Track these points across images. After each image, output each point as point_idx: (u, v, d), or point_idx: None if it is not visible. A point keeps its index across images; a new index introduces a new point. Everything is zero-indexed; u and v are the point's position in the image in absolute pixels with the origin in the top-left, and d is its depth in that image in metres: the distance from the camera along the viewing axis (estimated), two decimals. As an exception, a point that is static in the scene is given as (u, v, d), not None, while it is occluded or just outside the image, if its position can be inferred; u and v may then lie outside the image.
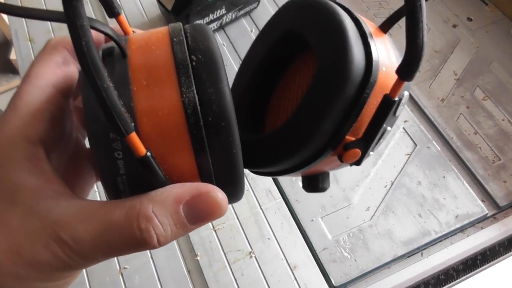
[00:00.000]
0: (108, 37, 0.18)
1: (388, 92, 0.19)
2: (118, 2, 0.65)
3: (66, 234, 0.17)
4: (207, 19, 0.58)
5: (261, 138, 0.22)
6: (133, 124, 0.16)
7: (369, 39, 0.20)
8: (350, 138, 0.20)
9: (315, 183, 0.23)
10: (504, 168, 0.49)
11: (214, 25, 0.60)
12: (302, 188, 0.25)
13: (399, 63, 0.18)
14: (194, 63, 0.18)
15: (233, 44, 0.60)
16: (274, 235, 0.45)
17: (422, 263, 0.44)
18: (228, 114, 0.18)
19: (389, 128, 0.21)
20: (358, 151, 0.20)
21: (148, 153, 0.17)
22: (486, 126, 0.52)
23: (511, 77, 0.55)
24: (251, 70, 0.25)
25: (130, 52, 0.19)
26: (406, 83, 0.18)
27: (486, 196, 0.48)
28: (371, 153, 0.22)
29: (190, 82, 0.18)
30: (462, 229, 0.46)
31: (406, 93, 0.20)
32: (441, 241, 0.46)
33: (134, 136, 0.16)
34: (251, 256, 0.44)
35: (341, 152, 0.20)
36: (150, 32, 0.20)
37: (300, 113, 0.20)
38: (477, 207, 0.46)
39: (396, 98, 0.19)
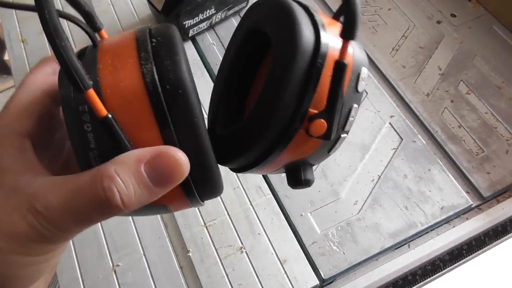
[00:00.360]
0: (78, 26, 0.20)
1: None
2: (109, 2, 0.66)
3: (40, 204, 0.18)
4: (196, 19, 0.59)
5: (233, 131, 0.23)
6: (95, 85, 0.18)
7: (317, 19, 0.21)
8: (313, 111, 0.21)
9: (298, 176, 0.24)
10: (488, 160, 0.50)
11: (204, 25, 0.61)
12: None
13: (341, 29, 0.20)
14: (154, 44, 0.20)
15: (223, 43, 0.61)
16: (264, 230, 0.46)
17: (409, 254, 0.46)
18: (185, 82, 0.19)
19: (355, 105, 0.22)
20: (323, 122, 0.21)
21: (109, 115, 0.18)
22: (470, 119, 0.53)
23: (493, 71, 0.56)
24: (227, 70, 0.27)
25: (100, 44, 0.21)
26: (360, 59, 0.20)
27: (471, 187, 0.49)
28: (344, 135, 0.23)
29: (148, 56, 0.19)
30: (447, 220, 0.47)
31: (364, 69, 0.21)
32: (427, 232, 0.47)
33: (92, 93, 0.18)
34: (242, 251, 0.45)
35: (307, 126, 0.21)
36: (119, 33, 0.22)
37: (262, 96, 0.21)
38: (462, 198, 0.47)
39: (346, 61, 0.20)
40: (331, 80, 0.20)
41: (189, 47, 0.61)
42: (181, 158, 0.19)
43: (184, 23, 0.58)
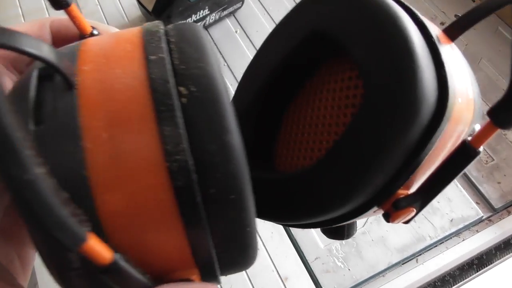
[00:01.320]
0: (36, 59, 0.11)
1: (468, 137, 0.14)
2: (96, 2, 0.62)
3: None
4: (189, 20, 0.56)
5: (277, 180, 0.17)
6: (89, 223, 0.10)
7: (442, 57, 0.14)
8: (403, 192, 0.15)
9: (340, 231, 0.19)
10: (498, 169, 0.48)
11: (196, 27, 0.58)
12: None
13: (496, 103, 0.13)
14: (184, 100, 0.12)
15: (217, 45, 0.58)
16: (264, 245, 0.43)
17: (418, 270, 0.43)
18: (241, 182, 0.12)
19: None
20: (412, 210, 0.15)
21: (117, 257, 0.11)
22: (478, 125, 0.50)
23: (500, 74, 0.54)
24: (260, 78, 0.19)
25: (82, 77, 0.12)
26: (479, 111, 0.14)
27: (481, 198, 0.47)
28: None
29: (178, 135, 0.11)
30: (457, 233, 0.45)
31: (478, 127, 0.15)
32: (436, 246, 0.44)
33: (91, 244, 0.10)
34: (240, 269, 0.42)
35: (389, 209, 0.15)
36: (115, 39, 0.14)
37: (338, 156, 0.15)
38: (472, 210, 0.45)
39: (481, 149, 0.14)
40: (447, 165, 0.14)
41: (182, 49, 0.58)
42: None
43: (176, 24, 0.55)
